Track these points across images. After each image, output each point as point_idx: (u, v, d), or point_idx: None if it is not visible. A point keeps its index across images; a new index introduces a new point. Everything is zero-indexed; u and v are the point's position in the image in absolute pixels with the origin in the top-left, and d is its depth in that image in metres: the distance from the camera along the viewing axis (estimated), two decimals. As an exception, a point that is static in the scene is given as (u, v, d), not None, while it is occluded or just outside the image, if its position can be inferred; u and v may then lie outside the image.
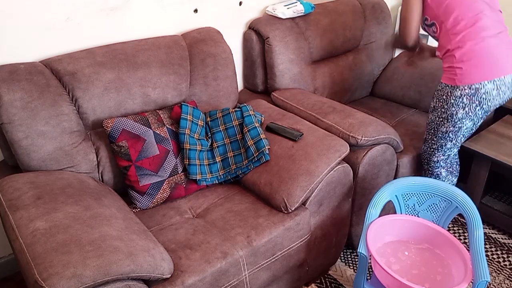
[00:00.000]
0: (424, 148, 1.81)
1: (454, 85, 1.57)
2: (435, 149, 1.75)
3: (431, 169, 1.82)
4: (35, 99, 1.42)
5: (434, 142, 1.74)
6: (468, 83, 1.55)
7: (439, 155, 1.76)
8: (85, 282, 1.03)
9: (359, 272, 1.45)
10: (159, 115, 1.63)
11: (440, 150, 1.75)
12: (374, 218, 1.44)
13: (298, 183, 1.49)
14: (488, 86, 1.54)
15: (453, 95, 1.59)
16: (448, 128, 1.67)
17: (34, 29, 1.52)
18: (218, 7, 1.97)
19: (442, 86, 1.63)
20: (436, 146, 1.75)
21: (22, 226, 1.16)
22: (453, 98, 1.59)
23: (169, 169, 1.59)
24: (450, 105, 1.61)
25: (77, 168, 1.51)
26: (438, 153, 1.76)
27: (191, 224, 1.46)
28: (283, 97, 1.98)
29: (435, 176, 1.84)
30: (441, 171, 1.81)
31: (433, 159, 1.78)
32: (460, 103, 1.59)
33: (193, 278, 1.25)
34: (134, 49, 1.64)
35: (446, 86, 1.61)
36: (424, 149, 1.81)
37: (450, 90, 1.59)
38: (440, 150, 1.75)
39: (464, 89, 1.56)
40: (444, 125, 1.67)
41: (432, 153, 1.78)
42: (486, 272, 1.25)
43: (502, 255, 1.94)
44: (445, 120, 1.66)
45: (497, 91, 1.56)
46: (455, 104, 1.60)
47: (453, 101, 1.60)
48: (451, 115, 1.63)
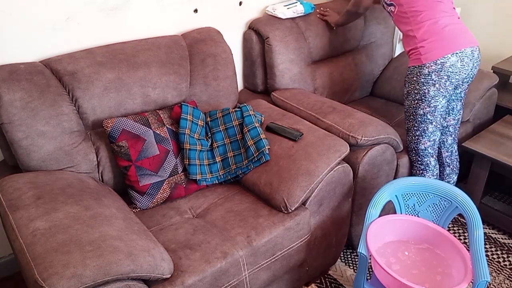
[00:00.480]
0: (409, 138, 1.83)
1: (421, 64, 1.65)
2: (418, 135, 1.78)
3: (420, 159, 1.83)
4: (35, 99, 1.42)
5: (416, 128, 1.77)
6: (433, 59, 1.63)
7: (425, 141, 1.78)
8: (85, 282, 1.03)
9: (359, 272, 1.45)
10: (159, 115, 1.63)
11: (424, 135, 1.77)
12: (374, 218, 1.44)
13: (298, 183, 1.49)
14: (452, 58, 1.63)
15: (422, 74, 1.66)
16: (424, 109, 1.71)
17: (34, 29, 1.53)
18: (218, 7, 1.97)
19: (410, 69, 1.71)
20: (419, 132, 1.77)
21: (22, 226, 1.16)
22: (422, 77, 1.66)
23: (169, 169, 1.59)
24: (421, 85, 1.67)
25: (77, 168, 1.51)
26: (423, 139, 1.78)
27: (191, 224, 1.46)
28: (283, 97, 1.98)
29: (424, 166, 1.84)
30: (430, 160, 1.83)
31: (420, 147, 1.80)
32: (430, 81, 1.66)
33: (193, 278, 1.25)
34: (134, 49, 1.64)
35: (414, 68, 1.68)
36: (409, 139, 1.83)
37: (418, 70, 1.66)
38: (424, 135, 1.77)
39: (430, 66, 1.63)
40: (420, 107, 1.71)
41: (418, 141, 1.79)
42: (486, 272, 1.25)
43: (502, 255, 1.94)
44: (419, 101, 1.70)
45: (461, 63, 1.65)
46: (425, 83, 1.66)
47: (423, 80, 1.66)
48: (423, 94, 1.68)
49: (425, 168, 1.84)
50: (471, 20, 2.70)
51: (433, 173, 1.86)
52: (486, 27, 2.64)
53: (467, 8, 2.69)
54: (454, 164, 1.97)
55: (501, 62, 2.38)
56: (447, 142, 1.93)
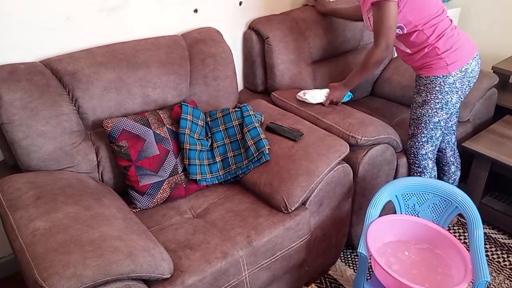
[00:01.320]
0: (410, 144, 1.82)
1: (447, 74, 1.63)
2: (424, 142, 1.77)
3: (418, 162, 1.83)
4: (35, 99, 1.42)
5: (425, 134, 1.76)
6: (459, 67, 1.62)
7: (428, 146, 1.78)
8: (85, 282, 1.03)
9: (359, 272, 1.45)
10: (159, 115, 1.63)
11: (429, 141, 1.77)
12: (374, 218, 1.44)
13: (298, 183, 1.49)
14: (473, 63, 1.65)
15: (447, 84, 1.64)
16: (441, 117, 1.70)
17: (34, 29, 1.52)
18: (218, 7, 1.97)
19: (430, 79, 1.67)
20: (426, 139, 1.76)
21: (22, 226, 1.16)
22: (447, 86, 1.65)
23: (169, 169, 1.59)
24: (444, 94, 1.66)
25: (77, 168, 1.51)
26: (427, 145, 1.77)
27: (191, 224, 1.46)
28: (283, 97, 1.98)
29: (422, 169, 1.84)
30: (428, 163, 1.83)
31: (421, 152, 1.80)
32: (454, 89, 1.65)
33: (193, 278, 1.25)
34: (134, 49, 1.64)
35: (437, 78, 1.65)
36: (410, 145, 1.82)
37: (443, 79, 1.64)
38: (430, 141, 1.76)
39: (456, 74, 1.63)
40: (437, 115, 1.70)
41: (421, 147, 1.79)
42: (486, 272, 1.25)
43: (502, 255, 1.94)
44: (439, 110, 1.69)
45: (478, 66, 1.69)
46: (449, 92, 1.65)
47: (448, 89, 1.65)
48: (446, 103, 1.67)
49: (422, 171, 1.84)
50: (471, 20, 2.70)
51: (431, 175, 1.86)
52: (486, 27, 2.65)
53: (467, 8, 2.69)
54: (457, 161, 2.00)
55: (501, 62, 2.38)
56: (451, 141, 1.94)
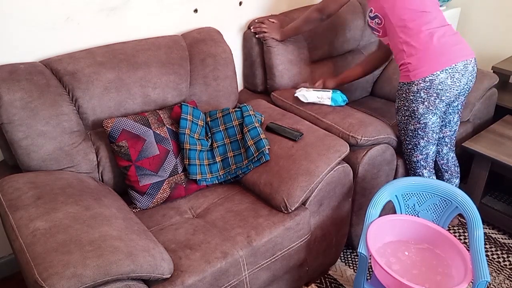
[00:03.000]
0: (403, 149, 1.81)
1: (410, 81, 1.61)
2: (410, 149, 1.76)
3: (413, 169, 1.82)
4: (35, 99, 1.42)
5: (408, 142, 1.75)
6: (422, 77, 1.58)
7: (417, 154, 1.76)
8: (85, 282, 1.03)
9: (359, 272, 1.45)
10: (159, 115, 1.63)
11: (415, 149, 1.74)
12: (374, 218, 1.44)
13: (298, 183, 1.49)
14: (441, 75, 1.57)
15: (411, 92, 1.62)
16: (414, 125, 1.68)
17: (34, 29, 1.53)
18: (218, 7, 1.97)
19: (400, 85, 1.67)
20: (411, 146, 1.75)
21: (22, 226, 1.16)
22: (411, 95, 1.62)
23: (169, 169, 1.59)
24: (410, 102, 1.64)
25: (77, 168, 1.51)
26: (415, 152, 1.75)
27: (191, 224, 1.46)
28: (283, 97, 1.98)
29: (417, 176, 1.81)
30: (423, 171, 1.80)
31: (412, 159, 1.78)
32: (418, 98, 1.61)
33: (193, 278, 1.25)
34: (134, 49, 1.64)
35: (404, 84, 1.64)
36: (403, 150, 1.81)
37: (407, 87, 1.62)
38: (416, 149, 1.74)
39: (419, 83, 1.59)
40: (410, 123, 1.69)
41: (410, 153, 1.77)
42: (486, 272, 1.25)
43: (502, 255, 1.94)
44: (409, 117, 1.67)
45: (452, 80, 1.58)
46: (414, 100, 1.62)
47: (412, 97, 1.62)
48: (413, 111, 1.65)
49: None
50: (470, 20, 2.70)
51: None
52: (486, 27, 2.65)
53: (467, 8, 2.69)
54: (452, 169, 1.95)
55: (501, 62, 2.38)
56: (442, 151, 1.90)
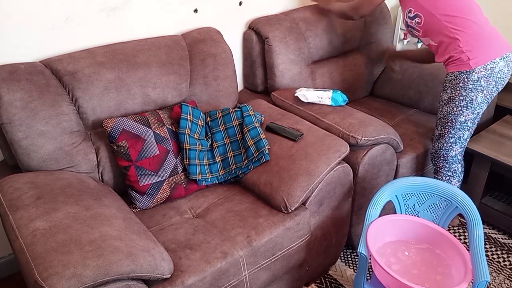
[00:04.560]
0: (438, 145, 1.77)
1: (470, 70, 1.58)
2: (452, 142, 1.72)
3: (448, 165, 1.78)
4: (35, 99, 1.42)
5: (452, 135, 1.71)
6: (483, 64, 1.57)
7: (457, 148, 1.73)
8: (85, 282, 1.03)
9: (359, 272, 1.45)
10: (159, 115, 1.63)
11: (458, 142, 1.72)
12: (374, 218, 1.44)
13: (298, 183, 1.49)
14: (500, 63, 1.58)
15: (471, 80, 1.59)
16: (467, 116, 1.65)
17: (34, 29, 1.53)
18: (218, 7, 1.97)
19: (455, 75, 1.63)
20: (454, 139, 1.72)
21: (22, 226, 1.16)
22: (471, 83, 1.59)
23: (169, 169, 1.59)
24: (468, 91, 1.61)
25: (77, 168, 1.51)
26: (456, 146, 1.73)
27: (191, 224, 1.46)
28: (283, 97, 1.98)
29: (452, 173, 1.80)
30: (458, 166, 1.78)
31: (451, 154, 1.75)
32: (478, 87, 1.60)
33: (193, 278, 1.25)
34: (134, 49, 1.64)
35: (461, 73, 1.61)
36: (438, 146, 1.78)
37: (466, 76, 1.60)
38: (458, 142, 1.72)
39: (480, 71, 1.57)
40: (463, 114, 1.66)
41: (450, 148, 1.74)
42: (486, 272, 1.25)
43: (502, 255, 1.94)
44: (464, 108, 1.64)
45: (507, 68, 1.60)
46: (473, 89, 1.60)
47: (471, 86, 1.60)
48: (470, 101, 1.62)
49: (452, 175, 1.81)
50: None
51: (459, 179, 1.83)
52: (486, 27, 2.64)
53: (467, 8, 2.69)
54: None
55: (501, 62, 2.38)
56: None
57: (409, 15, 1.70)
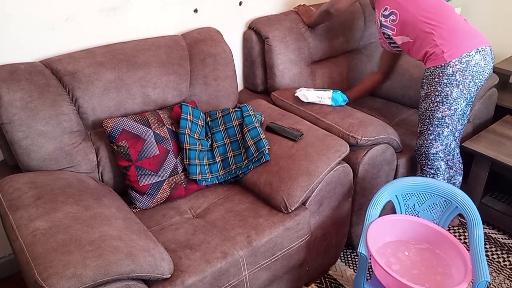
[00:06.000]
0: (419, 143, 1.78)
1: (444, 64, 1.58)
2: (432, 139, 1.72)
3: (430, 163, 1.78)
4: (35, 99, 1.42)
5: (431, 131, 1.71)
6: (458, 56, 1.56)
7: (437, 145, 1.73)
8: (85, 282, 1.03)
9: (359, 272, 1.45)
10: (159, 115, 1.63)
11: (437, 139, 1.72)
12: (374, 218, 1.44)
13: (298, 183, 1.49)
14: (476, 56, 1.57)
15: (445, 74, 1.59)
16: (444, 112, 1.65)
17: (34, 29, 1.53)
18: (218, 7, 1.97)
19: (430, 70, 1.64)
20: (433, 136, 1.72)
21: (22, 226, 1.16)
22: (445, 78, 1.59)
23: (169, 169, 1.59)
24: (443, 86, 1.60)
25: (77, 168, 1.51)
26: (436, 143, 1.73)
27: (191, 224, 1.46)
28: (283, 97, 1.98)
29: (434, 170, 1.80)
30: (441, 164, 1.78)
31: (431, 151, 1.75)
32: (453, 81, 1.59)
33: (193, 278, 1.25)
34: (134, 49, 1.64)
35: (436, 68, 1.61)
36: (420, 144, 1.78)
37: (441, 70, 1.59)
38: (438, 139, 1.72)
39: (455, 64, 1.57)
40: (439, 110, 1.65)
41: (430, 145, 1.74)
42: (486, 272, 1.25)
43: (502, 255, 1.94)
44: (439, 103, 1.64)
45: (484, 62, 1.59)
46: (448, 84, 1.59)
47: (446, 81, 1.59)
48: (445, 96, 1.62)
49: (435, 172, 1.81)
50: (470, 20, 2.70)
51: (444, 176, 1.82)
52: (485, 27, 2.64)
53: (467, 8, 2.69)
54: (457, 166, 1.94)
55: (501, 62, 2.38)
56: (450, 146, 1.87)
57: (384, 13, 1.72)
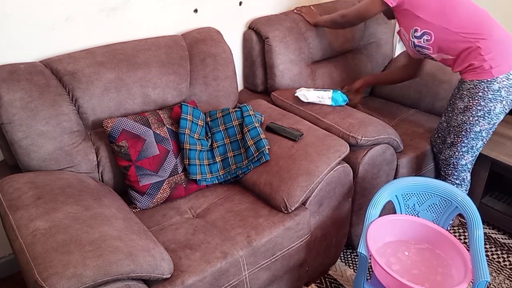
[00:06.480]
0: (449, 153, 1.74)
1: (491, 79, 1.52)
2: (464, 151, 1.69)
3: (457, 174, 1.75)
4: (35, 99, 1.42)
5: (465, 144, 1.67)
6: (506, 73, 1.51)
7: (468, 157, 1.69)
8: (85, 282, 1.03)
9: (359, 272, 1.45)
10: (159, 115, 1.63)
11: (470, 151, 1.68)
12: (374, 218, 1.44)
13: (298, 183, 1.49)
14: None
15: (491, 90, 1.53)
16: (483, 126, 1.60)
17: (34, 29, 1.52)
18: (218, 7, 1.97)
19: (474, 83, 1.56)
20: (466, 149, 1.68)
21: (22, 226, 1.16)
22: (491, 93, 1.54)
23: (169, 169, 1.59)
24: (487, 101, 1.55)
25: (77, 168, 1.51)
26: (467, 155, 1.69)
27: (191, 224, 1.46)
28: (283, 97, 1.98)
29: (460, 181, 1.78)
30: (467, 175, 1.75)
31: (461, 162, 1.72)
32: (498, 97, 1.54)
33: (193, 278, 1.25)
34: (134, 49, 1.64)
35: (481, 82, 1.55)
36: (449, 154, 1.74)
37: (487, 85, 1.54)
38: (470, 151, 1.68)
39: (502, 80, 1.52)
40: (478, 124, 1.61)
41: (461, 157, 1.70)
42: (486, 272, 1.25)
43: (502, 255, 1.94)
44: (481, 118, 1.59)
45: None
46: (493, 99, 1.54)
47: (491, 96, 1.54)
48: (488, 111, 1.57)
49: (460, 183, 1.79)
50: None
51: (467, 187, 1.81)
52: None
53: (467, 8, 2.69)
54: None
55: (501, 62, 2.38)
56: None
57: (415, 34, 1.64)
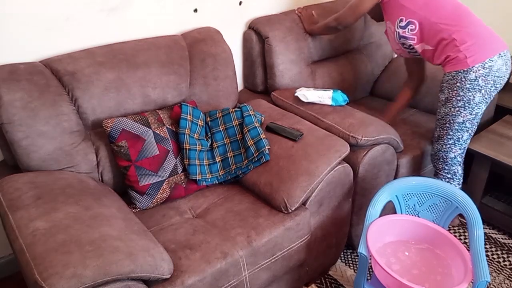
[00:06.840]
0: (437, 147, 1.77)
1: (467, 69, 1.56)
2: (451, 144, 1.71)
3: (447, 168, 1.77)
4: (35, 99, 1.41)
5: (450, 136, 1.70)
6: (481, 62, 1.54)
7: (456, 149, 1.72)
8: (85, 282, 1.03)
9: (359, 272, 1.45)
10: (159, 115, 1.63)
11: (457, 144, 1.71)
12: (374, 218, 1.44)
13: (298, 183, 1.49)
14: (499, 61, 1.56)
15: (468, 80, 1.57)
16: (465, 117, 1.63)
17: (34, 29, 1.52)
18: (218, 7, 1.97)
19: (452, 75, 1.61)
20: (452, 141, 1.70)
21: (22, 226, 1.16)
22: (468, 83, 1.57)
23: (169, 169, 1.59)
24: (466, 91, 1.59)
25: (77, 168, 1.51)
26: (455, 147, 1.71)
27: (191, 224, 1.46)
28: (283, 97, 1.98)
29: (451, 175, 1.79)
30: (458, 168, 1.77)
31: (450, 155, 1.74)
32: (476, 87, 1.57)
33: (193, 278, 1.25)
34: (134, 49, 1.64)
35: (458, 73, 1.59)
36: (438, 148, 1.77)
37: (463, 75, 1.57)
38: (457, 144, 1.71)
39: (478, 70, 1.55)
40: (460, 115, 1.64)
41: (448, 150, 1.73)
42: (486, 272, 1.25)
43: (502, 255, 1.94)
44: (461, 108, 1.62)
45: (506, 67, 1.58)
46: (471, 89, 1.58)
47: (469, 86, 1.57)
48: (468, 101, 1.60)
49: (452, 177, 1.81)
50: (471, 20, 2.70)
51: (459, 181, 1.82)
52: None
53: (467, 8, 2.69)
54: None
55: (501, 62, 2.38)
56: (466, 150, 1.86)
57: (400, 24, 1.68)
